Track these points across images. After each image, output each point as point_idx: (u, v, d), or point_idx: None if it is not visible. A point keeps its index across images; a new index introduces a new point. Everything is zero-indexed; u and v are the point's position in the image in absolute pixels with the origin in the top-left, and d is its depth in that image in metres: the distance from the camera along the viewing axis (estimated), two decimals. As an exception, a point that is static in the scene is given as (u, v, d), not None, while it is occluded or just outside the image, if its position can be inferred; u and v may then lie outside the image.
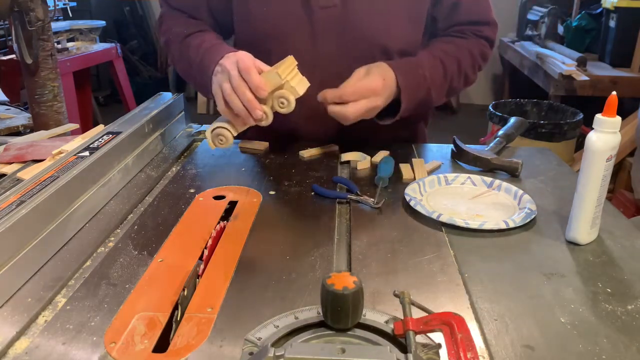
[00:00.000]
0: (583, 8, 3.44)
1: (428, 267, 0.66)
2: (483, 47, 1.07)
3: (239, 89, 0.84)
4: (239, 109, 0.85)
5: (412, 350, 0.45)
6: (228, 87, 0.85)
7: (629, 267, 0.66)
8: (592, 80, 2.77)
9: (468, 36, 1.06)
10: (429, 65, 1.00)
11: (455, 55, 1.03)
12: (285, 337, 0.49)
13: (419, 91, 0.99)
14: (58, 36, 3.32)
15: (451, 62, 1.02)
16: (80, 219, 0.76)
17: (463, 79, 1.05)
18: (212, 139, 0.89)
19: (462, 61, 1.03)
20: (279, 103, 0.86)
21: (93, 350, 0.52)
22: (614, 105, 0.65)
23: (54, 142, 1.06)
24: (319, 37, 0.99)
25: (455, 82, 1.04)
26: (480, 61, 1.07)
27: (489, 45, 1.08)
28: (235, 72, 0.85)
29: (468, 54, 1.04)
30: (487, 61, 1.09)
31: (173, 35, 1.06)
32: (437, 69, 1.00)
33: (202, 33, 1.04)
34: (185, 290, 0.62)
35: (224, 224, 0.78)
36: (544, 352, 0.52)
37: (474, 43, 1.06)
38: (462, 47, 1.04)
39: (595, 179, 0.68)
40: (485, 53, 1.08)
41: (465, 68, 1.04)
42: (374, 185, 0.89)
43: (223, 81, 0.87)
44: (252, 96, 0.83)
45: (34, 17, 1.74)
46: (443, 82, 1.02)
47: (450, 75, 1.02)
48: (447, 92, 1.05)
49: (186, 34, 1.03)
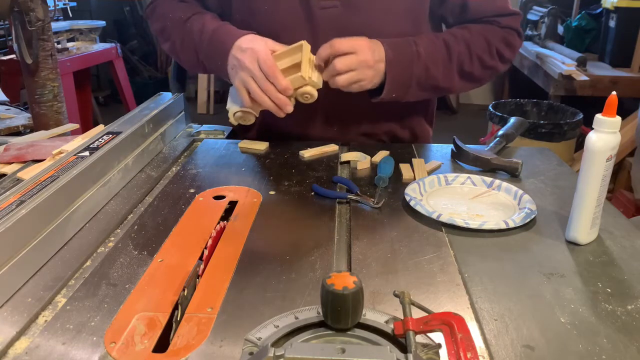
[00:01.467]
0: (583, 8, 3.44)
1: (428, 267, 0.66)
2: (506, 34, 1.02)
3: (268, 90, 0.89)
4: (269, 105, 0.90)
5: (412, 350, 0.45)
6: (255, 87, 0.90)
7: (629, 267, 0.66)
8: (592, 80, 2.77)
9: (487, 24, 1.02)
10: (426, 43, 0.97)
11: (465, 37, 1.00)
12: (285, 337, 0.49)
13: (411, 65, 0.96)
14: (58, 36, 3.32)
15: (458, 43, 0.99)
16: (80, 219, 0.76)
17: (478, 63, 1.01)
18: (236, 120, 0.97)
19: (472, 44, 1.00)
20: (303, 98, 0.92)
21: (93, 350, 0.52)
22: (614, 105, 0.65)
23: (54, 142, 1.06)
24: (319, 36, 0.99)
25: (467, 64, 1.00)
26: (502, 47, 1.02)
27: (515, 33, 1.03)
28: (258, 72, 0.88)
29: (482, 38, 1.01)
30: (514, 49, 1.04)
31: (172, 22, 1.04)
32: (436, 46, 0.98)
33: (201, 15, 1.03)
34: (185, 290, 0.62)
35: (224, 224, 0.78)
36: (544, 352, 0.52)
37: (491, 30, 1.02)
38: (475, 32, 1.01)
39: (595, 179, 0.68)
40: (509, 40, 1.03)
41: (477, 51, 1.00)
42: (374, 185, 0.89)
43: (246, 79, 0.90)
44: (281, 95, 0.89)
45: (34, 17, 1.74)
46: (447, 62, 0.99)
47: (458, 56, 0.99)
48: (458, 73, 1.01)
49: (185, 18, 1.02)
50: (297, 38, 0.92)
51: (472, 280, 0.63)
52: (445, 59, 0.99)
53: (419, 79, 0.98)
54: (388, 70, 0.94)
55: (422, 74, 0.98)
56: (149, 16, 1.12)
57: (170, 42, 1.07)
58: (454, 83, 1.02)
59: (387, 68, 0.94)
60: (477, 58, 1.01)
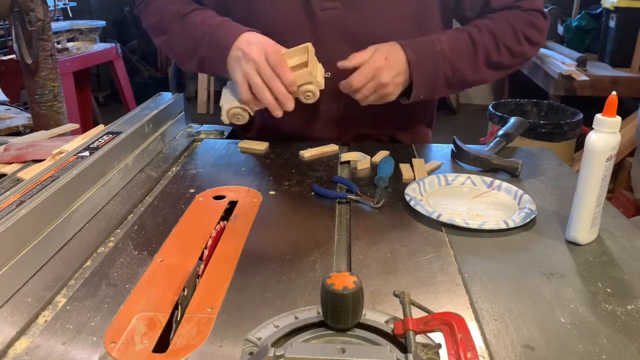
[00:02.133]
0: (583, 8, 3.44)
1: (428, 267, 0.66)
2: (531, 17, 1.00)
3: (272, 84, 0.86)
4: (269, 100, 0.88)
5: (412, 350, 0.45)
6: (258, 80, 0.87)
7: (629, 267, 0.66)
8: (592, 80, 2.77)
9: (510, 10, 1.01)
10: (448, 40, 0.97)
11: (490, 27, 0.98)
12: (285, 337, 0.49)
13: (435, 65, 0.95)
14: (58, 36, 3.32)
15: (482, 34, 0.98)
16: (80, 219, 0.76)
17: (506, 52, 1.00)
18: (229, 117, 0.93)
19: (498, 33, 0.98)
20: (305, 96, 0.90)
21: (93, 350, 0.52)
22: (614, 105, 0.65)
23: (54, 142, 1.06)
24: (320, 38, 0.99)
25: (495, 54, 0.99)
26: (529, 31, 1.00)
27: (539, 14, 1.01)
28: (265, 64, 0.86)
29: (507, 24, 0.99)
30: (542, 31, 1.02)
31: (170, 14, 1.02)
32: (460, 41, 0.97)
33: (204, 10, 1.02)
34: (185, 290, 0.62)
35: (224, 224, 0.78)
36: (544, 352, 0.52)
37: (516, 15, 1.00)
38: (499, 20, 0.99)
39: (595, 179, 0.68)
40: (535, 22, 1.00)
41: (504, 39, 0.99)
42: (374, 185, 0.89)
43: (250, 71, 0.88)
44: (285, 90, 0.86)
45: (34, 17, 1.74)
46: (473, 55, 0.98)
47: (484, 48, 0.98)
48: (485, 64, 1.00)
49: (185, 12, 1.01)
50: (298, 39, 0.92)
51: (472, 280, 0.63)
52: (471, 52, 0.98)
53: (446, 76, 0.97)
54: (414, 74, 0.94)
55: (448, 72, 0.97)
56: (142, 11, 1.10)
57: (167, 34, 1.04)
58: (484, 75, 1.01)
59: (412, 71, 0.94)
60: (505, 46, 0.99)
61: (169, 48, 1.07)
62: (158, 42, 1.10)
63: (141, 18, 1.11)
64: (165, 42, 1.07)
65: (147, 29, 1.10)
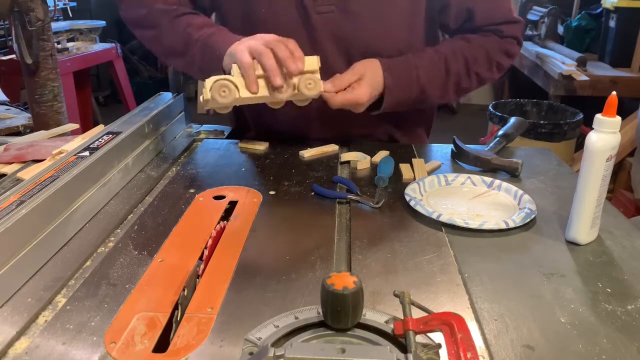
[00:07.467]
0: (583, 8, 3.44)
1: (428, 267, 0.66)
2: (507, 44, 1.03)
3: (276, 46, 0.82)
4: (270, 64, 0.81)
5: (412, 350, 0.45)
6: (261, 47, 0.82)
7: (629, 267, 0.66)
8: (592, 80, 2.77)
9: (488, 35, 1.03)
10: (426, 65, 0.99)
11: (465, 54, 1.01)
12: (285, 337, 0.49)
13: (408, 91, 0.99)
14: (58, 36, 3.32)
15: (457, 61, 1.00)
16: (80, 219, 0.76)
17: (475, 78, 1.03)
18: (215, 90, 0.80)
19: (472, 60, 1.01)
20: (306, 84, 0.86)
21: (93, 350, 0.52)
22: (614, 105, 0.65)
23: (54, 142, 1.06)
24: (316, 42, 0.99)
25: (465, 81, 1.02)
26: (502, 59, 1.04)
27: (515, 42, 1.05)
28: (271, 37, 0.84)
29: (483, 52, 1.02)
30: (513, 57, 1.06)
31: (158, 11, 1.00)
32: (436, 67, 1.00)
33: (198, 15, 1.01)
34: (185, 290, 0.62)
35: (224, 224, 0.78)
36: (544, 352, 0.52)
37: (493, 41, 1.03)
38: (477, 46, 1.02)
39: (595, 179, 0.68)
40: (509, 50, 1.04)
41: (476, 67, 1.02)
42: (374, 185, 0.89)
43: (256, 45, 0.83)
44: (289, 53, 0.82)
45: (34, 17, 1.74)
46: (445, 81, 1.01)
47: (456, 74, 1.01)
48: (453, 90, 1.03)
49: (177, 13, 0.99)
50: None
51: (472, 281, 0.63)
52: (444, 79, 1.01)
53: (414, 100, 1.01)
54: (386, 96, 0.97)
55: (418, 96, 1.01)
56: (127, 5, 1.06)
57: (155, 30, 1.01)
58: (448, 98, 1.05)
59: (386, 94, 0.97)
60: (475, 74, 1.03)
61: (156, 44, 1.04)
62: (142, 35, 1.06)
63: (120, 7, 1.07)
64: (150, 38, 1.04)
65: (127, 20, 1.06)
